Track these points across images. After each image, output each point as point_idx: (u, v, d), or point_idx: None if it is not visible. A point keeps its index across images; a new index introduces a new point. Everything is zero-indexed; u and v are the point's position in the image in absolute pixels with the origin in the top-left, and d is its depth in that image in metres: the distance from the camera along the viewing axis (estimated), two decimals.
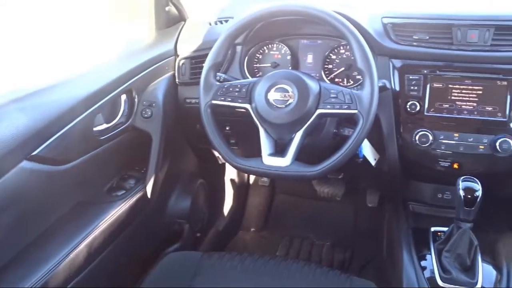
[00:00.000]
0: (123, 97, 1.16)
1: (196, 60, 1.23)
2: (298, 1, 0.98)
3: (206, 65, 1.02)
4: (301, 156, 0.95)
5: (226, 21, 1.29)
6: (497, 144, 1.00)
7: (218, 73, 1.06)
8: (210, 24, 1.30)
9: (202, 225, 1.57)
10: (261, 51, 1.25)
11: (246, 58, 1.23)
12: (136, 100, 1.19)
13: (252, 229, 1.89)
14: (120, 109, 1.18)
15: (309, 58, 1.22)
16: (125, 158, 1.24)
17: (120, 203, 1.13)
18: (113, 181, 1.21)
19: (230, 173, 1.79)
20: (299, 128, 0.94)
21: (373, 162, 1.15)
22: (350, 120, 1.01)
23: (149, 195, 1.23)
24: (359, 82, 1.15)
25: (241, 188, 1.87)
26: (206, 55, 1.03)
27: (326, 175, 1.22)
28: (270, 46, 1.25)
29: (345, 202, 1.76)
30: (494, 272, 0.97)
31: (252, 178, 1.93)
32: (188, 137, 1.44)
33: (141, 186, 1.21)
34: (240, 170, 1.12)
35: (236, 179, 1.82)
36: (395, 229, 1.17)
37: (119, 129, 1.15)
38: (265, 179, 1.87)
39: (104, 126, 1.12)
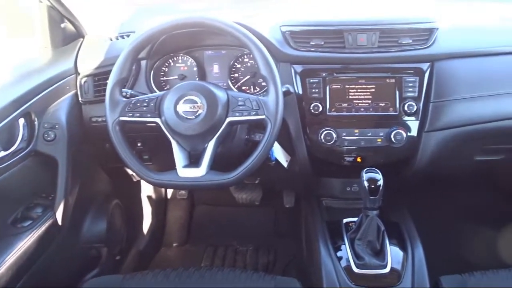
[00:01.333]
0: (21, 121, 1.09)
1: (99, 77, 1.19)
2: (200, 14, 1.00)
3: (110, 81, 1.00)
4: (216, 164, 0.97)
5: (128, 35, 1.26)
6: (392, 136, 1.10)
7: (124, 89, 1.04)
8: (111, 40, 1.26)
9: (121, 247, 1.51)
10: (166, 64, 1.25)
11: (152, 72, 1.22)
12: (36, 123, 1.11)
13: (175, 244, 1.86)
14: (19, 134, 1.09)
15: (215, 68, 1.25)
16: (30, 186, 1.16)
17: (27, 234, 1.05)
18: (18, 212, 1.12)
19: (146, 189, 1.75)
20: (211, 138, 0.96)
21: (285, 164, 1.20)
22: (259, 126, 1.05)
23: (59, 222, 1.16)
24: (264, 89, 1.20)
25: (159, 204, 1.84)
26: (109, 71, 1.01)
27: (242, 181, 1.25)
28: (175, 58, 1.25)
29: (264, 205, 1.81)
30: (401, 253, 1.06)
31: (170, 192, 1.90)
32: (98, 157, 1.38)
33: (50, 213, 1.14)
34: (155, 185, 1.11)
35: (153, 195, 1.78)
36: (311, 226, 1.23)
37: (19, 156, 1.06)
38: (183, 191, 1.86)
39: (2, 153, 1.03)
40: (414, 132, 1.12)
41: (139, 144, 1.25)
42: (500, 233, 1.78)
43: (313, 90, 1.13)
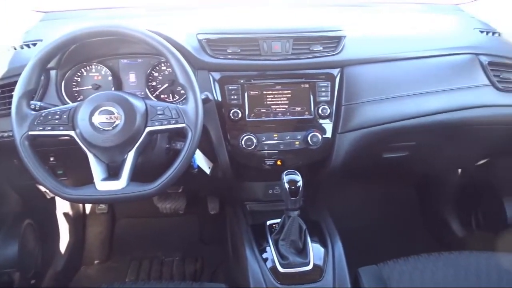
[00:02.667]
0: None
1: (3, 89, 1.11)
2: (112, 22, 0.97)
3: (16, 94, 0.93)
4: (137, 175, 0.94)
5: (34, 44, 1.19)
6: (309, 138, 1.16)
7: (32, 101, 0.97)
8: (15, 49, 1.18)
9: (36, 270, 1.41)
10: (79, 73, 1.19)
11: (63, 82, 1.16)
12: None
13: (96, 261, 1.78)
14: None
15: (132, 77, 1.22)
16: None
17: None
18: None
19: (62, 206, 1.65)
20: (130, 148, 0.94)
21: (207, 171, 1.21)
22: (180, 134, 1.05)
23: None
24: (184, 97, 1.20)
25: (77, 220, 1.74)
26: (15, 83, 0.94)
27: (165, 191, 1.23)
28: (88, 68, 1.20)
29: (189, 214, 1.80)
30: (322, 250, 1.12)
31: (88, 207, 1.81)
32: (6, 175, 1.28)
33: None
34: (72, 201, 1.05)
35: (70, 212, 1.69)
36: (236, 230, 1.25)
37: None
38: (102, 206, 1.78)
39: None
40: (328, 134, 1.19)
41: (52, 159, 1.18)
42: (411, 223, 1.94)
43: (232, 97, 1.15)
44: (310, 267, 1.05)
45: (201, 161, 1.19)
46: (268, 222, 1.20)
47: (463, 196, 1.80)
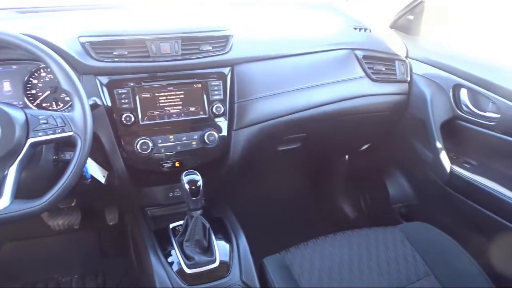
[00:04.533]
0: None
1: None
2: None
3: None
4: (22, 192, 0.86)
5: None
6: (205, 137, 1.16)
7: None
8: None
9: None
10: None
11: None
12: None
13: None
14: None
15: (6, 86, 1.10)
16: None
17: None
18: None
19: None
20: (11, 163, 0.85)
21: (102, 180, 1.15)
22: (68, 143, 0.98)
23: None
24: (69, 104, 1.12)
25: None
26: None
27: (56, 206, 1.15)
28: None
29: (85, 228, 1.69)
30: (227, 246, 1.14)
31: None
32: None
33: None
34: None
35: None
36: (138, 238, 1.21)
37: None
38: None
39: None
40: (224, 132, 1.21)
41: None
42: (309, 210, 2.05)
43: (123, 101, 1.11)
44: (216, 264, 1.07)
45: (95, 170, 1.13)
46: (171, 225, 1.18)
47: (352, 181, 1.96)
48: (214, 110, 1.18)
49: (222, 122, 1.21)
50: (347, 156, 1.94)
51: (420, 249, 1.16)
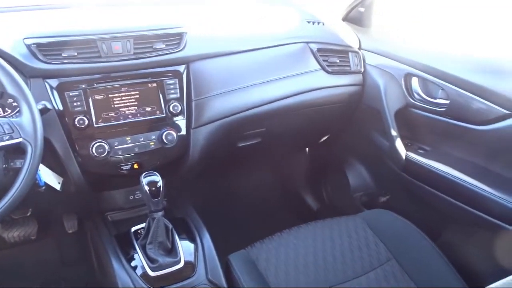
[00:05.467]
0: None
1: None
2: None
3: None
4: None
5: None
6: (163, 137, 1.14)
7: None
8: None
9: None
10: None
11: None
12: None
13: None
14: None
15: None
16: None
17: None
18: None
19: None
20: None
21: (57, 187, 1.11)
22: (18, 150, 0.93)
23: None
24: (16, 109, 1.07)
25: None
26: None
27: (8, 217, 1.09)
28: None
29: (43, 238, 1.62)
30: (191, 245, 1.13)
31: None
32: None
33: None
34: None
35: None
36: (99, 244, 1.18)
37: None
38: None
39: None
40: (183, 131, 1.19)
41: None
42: (273, 204, 2.07)
43: (75, 104, 1.07)
44: (181, 264, 1.05)
45: (48, 177, 1.08)
46: (133, 229, 1.16)
47: (313, 173, 1.98)
48: (171, 109, 1.16)
49: (180, 121, 1.19)
50: (307, 149, 1.97)
51: (381, 235, 1.19)
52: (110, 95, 1.11)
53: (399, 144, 1.39)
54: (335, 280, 1.07)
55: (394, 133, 1.39)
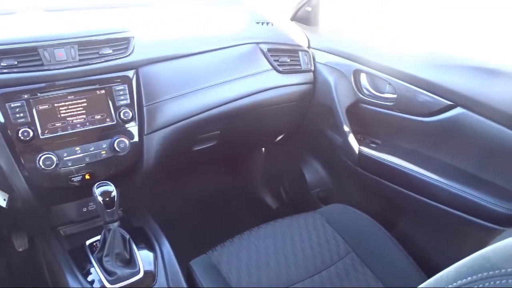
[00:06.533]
0: None
1: None
2: None
3: None
4: None
5: None
6: (115, 145, 1.10)
7: None
8: None
9: None
10: None
11: None
12: None
13: None
14: None
15: None
16: None
17: None
18: None
19: None
20: None
21: (3, 204, 1.05)
22: None
23: None
24: None
25: None
26: None
27: None
28: None
29: None
30: (150, 254, 1.10)
31: None
32: None
33: None
34: None
35: None
36: (52, 260, 1.12)
37: None
38: None
39: None
40: (136, 138, 1.16)
41: None
42: (233, 206, 2.06)
43: (18, 115, 1.02)
44: (141, 275, 1.03)
45: None
46: (88, 242, 1.11)
47: (271, 172, 2.00)
48: (122, 116, 1.13)
49: (132, 127, 1.16)
50: (263, 149, 1.97)
51: (340, 230, 1.22)
52: (56, 105, 1.06)
53: (351, 139, 1.43)
54: (297, 277, 1.08)
55: (346, 128, 1.43)
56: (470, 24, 1.39)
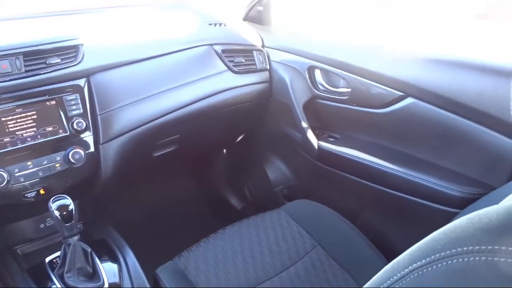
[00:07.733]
0: None
1: None
2: None
3: None
4: None
5: None
6: (70, 157, 1.07)
7: None
8: None
9: None
10: None
11: None
12: None
13: None
14: None
15: None
16: None
17: None
18: None
19: None
20: None
21: None
22: None
23: None
24: None
25: None
26: None
27: None
28: None
29: None
30: (114, 266, 1.08)
31: None
32: None
33: None
34: None
35: None
36: (10, 282, 1.07)
37: None
38: None
39: None
40: (91, 148, 1.13)
41: None
42: (199, 210, 2.04)
43: None
44: (105, 287, 1.00)
45: None
46: (47, 259, 1.08)
47: (233, 173, 1.99)
48: (75, 126, 1.09)
49: (88, 137, 1.13)
50: (225, 150, 1.97)
51: (304, 225, 1.23)
52: (3, 119, 1.02)
53: (310, 135, 1.45)
54: (265, 276, 1.09)
55: (304, 124, 1.45)
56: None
